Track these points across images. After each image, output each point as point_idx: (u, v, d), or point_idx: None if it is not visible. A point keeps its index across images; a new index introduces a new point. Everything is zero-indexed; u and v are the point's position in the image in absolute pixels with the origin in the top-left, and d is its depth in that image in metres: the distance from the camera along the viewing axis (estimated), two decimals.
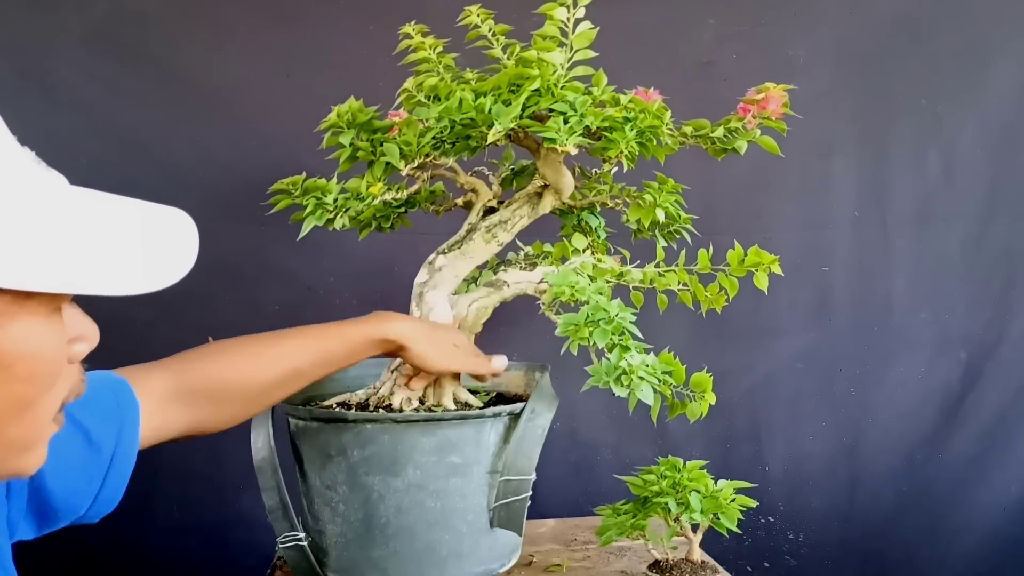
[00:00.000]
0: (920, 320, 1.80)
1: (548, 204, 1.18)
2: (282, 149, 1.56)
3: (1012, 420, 1.81)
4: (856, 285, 1.78)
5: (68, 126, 1.53)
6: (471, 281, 1.19)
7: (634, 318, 0.96)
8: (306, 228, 1.13)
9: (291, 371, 0.97)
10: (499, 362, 1.12)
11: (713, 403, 0.97)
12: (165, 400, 0.87)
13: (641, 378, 0.91)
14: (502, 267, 1.19)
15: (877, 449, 1.80)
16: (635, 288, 1.13)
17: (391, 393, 1.16)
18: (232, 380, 0.93)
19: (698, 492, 1.03)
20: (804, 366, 1.78)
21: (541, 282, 1.12)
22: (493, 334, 1.23)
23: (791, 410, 1.79)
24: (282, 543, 1.09)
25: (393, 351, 1.05)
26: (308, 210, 1.13)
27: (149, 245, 0.53)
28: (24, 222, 0.47)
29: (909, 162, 1.77)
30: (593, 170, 1.24)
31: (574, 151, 0.99)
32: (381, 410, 1.12)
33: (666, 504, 1.02)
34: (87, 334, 0.55)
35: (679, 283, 1.10)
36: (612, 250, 1.24)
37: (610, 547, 1.28)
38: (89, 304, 0.57)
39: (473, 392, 1.21)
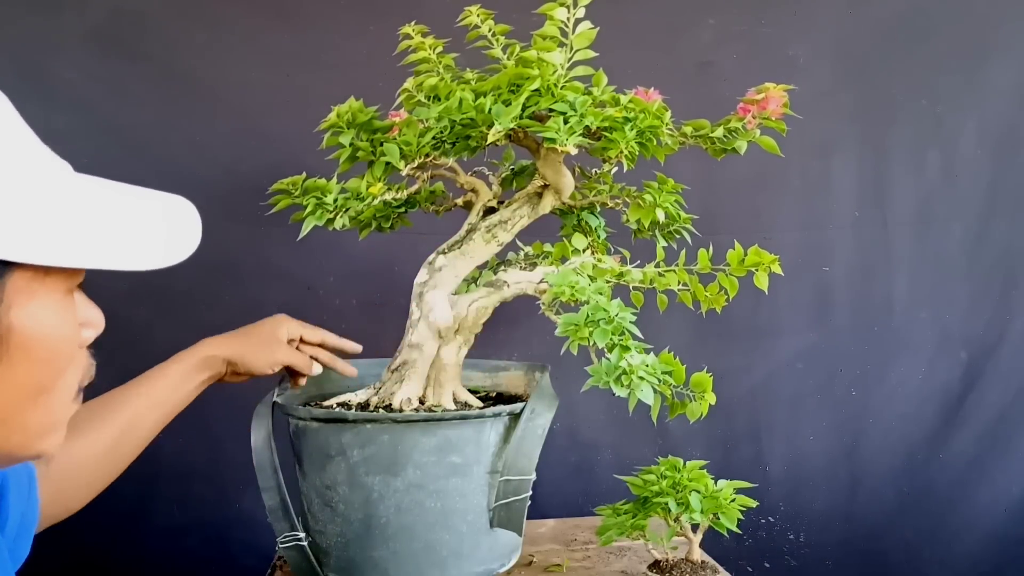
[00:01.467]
0: (920, 320, 1.79)
1: (548, 204, 1.18)
2: (282, 149, 1.56)
3: (1013, 420, 1.81)
4: (856, 285, 1.78)
5: (68, 126, 1.53)
6: (471, 281, 1.19)
7: (634, 318, 0.96)
8: (306, 228, 1.13)
9: (126, 423, 0.97)
10: (316, 369, 1.16)
11: (713, 403, 0.97)
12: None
13: (641, 378, 0.91)
14: (502, 267, 1.19)
15: (878, 449, 1.80)
16: (635, 288, 1.12)
17: (391, 393, 1.16)
18: (73, 461, 0.91)
19: (698, 492, 1.03)
20: (804, 366, 1.78)
21: (541, 282, 1.12)
22: (493, 334, 1.23)
23: (791, 410, 1.79)
24: (282, 543, 1.09)
25: (226, 373, 1.07)
26: (308, 210, 1.13)
27: (155, 225, 0.56)
28: (41, 202, 0.49)
29: (909, 162, 1.77)
30: (593, 170, 1.24)
31: (574, 151, 0.99)
32: (381, 410, 1.12)
33: (666, 504, 1.02)
34: (94, 320, 0.57)
35: (679, 283, 1.10)
36: (612, 250, 1.24)
37: (610, 547, 1.28)
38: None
39: (473, 392, 1.21)
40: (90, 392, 0.83)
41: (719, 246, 1.09)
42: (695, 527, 1.06)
